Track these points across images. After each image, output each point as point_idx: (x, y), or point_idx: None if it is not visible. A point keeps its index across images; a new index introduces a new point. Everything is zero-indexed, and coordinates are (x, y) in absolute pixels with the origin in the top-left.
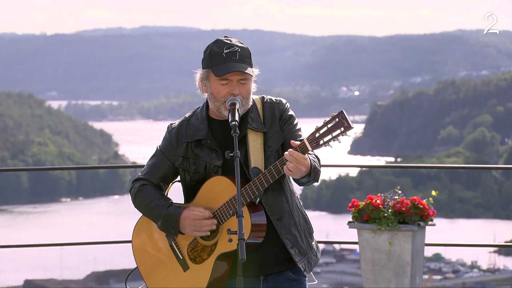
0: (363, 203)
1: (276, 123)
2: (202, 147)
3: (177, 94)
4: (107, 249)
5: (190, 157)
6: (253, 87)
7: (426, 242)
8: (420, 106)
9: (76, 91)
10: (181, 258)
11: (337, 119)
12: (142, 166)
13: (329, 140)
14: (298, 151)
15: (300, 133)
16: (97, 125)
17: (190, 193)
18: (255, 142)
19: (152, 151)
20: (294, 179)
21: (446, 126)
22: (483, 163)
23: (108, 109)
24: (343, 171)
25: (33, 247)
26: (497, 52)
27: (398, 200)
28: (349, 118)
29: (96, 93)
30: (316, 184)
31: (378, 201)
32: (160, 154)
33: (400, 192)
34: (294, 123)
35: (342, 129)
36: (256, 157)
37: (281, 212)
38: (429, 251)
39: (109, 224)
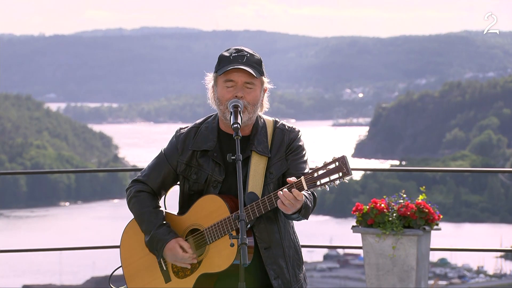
0: (367, 207)
1: (282, 150)
2: (207, 158)
3: (178, 96)
4: (107, 254)
5: (193, 166)
6: (266, 104)
7: (431, 246)
8: (425, 108)
9: (75, 93)
10: (165, 269)
11: (337, 163)
12: (142, 170)
13: (326, 183)
14: (294, 188)
15: (304, 165)
16: (97, 127)
17: (185, 202)
18: (257, 166)
19: (152, 154)
20: (283, 213)
21: (452, 129)
22: (489, 167)
23: (108, 112)
24: None
25: (32, 251)
26: (504, 54)
27: (403, 204)
28: (349, 165)
29: (96, 95)
30: (305, 220)
31: (382, 205)
32: (163, 158)
33: (405, 195)
34: (301, 154)
35: (341, 174)
36: (255, 182)
37: (271, 241)
38: (434, 256)
39: (108, 229)
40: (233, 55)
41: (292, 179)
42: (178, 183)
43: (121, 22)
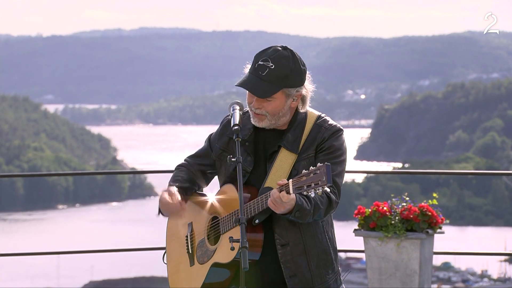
0: (370, 210)
1: (312, 148)
2: (240, 147)
3: (177, 97)
4: (105, 258)
5: (228, 152)
6: (307, 103)
7: (434, 250)
8: (428, 110)
9: (73, 95)
10: (190, 252)
11: (318, 171)
12: (141, 172)
13: (309, 189)
14: (283, 190)
15: (334, 167)
16: (95, 129)
17: (221, 185)
18: (283, 162)
19: (151, 156)
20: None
21: (455, 131)
22: (493, 169)
23: (106, 113)
24: (348, 177)
25: (29, 255)
26: (508, 54)
27: (405, 207)
28: (329, 174)
29: (94, 97)
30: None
31: (385, 208)
32: (207, 142)
33: (407, 198)
34: (334, 154)
35: (319, 182)
36: (277, 178)
37: (289, 239)
38: (437, 260)
39: (107, 232)
40: (258, 63)
41: (282, 181)
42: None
43: (120, 22)
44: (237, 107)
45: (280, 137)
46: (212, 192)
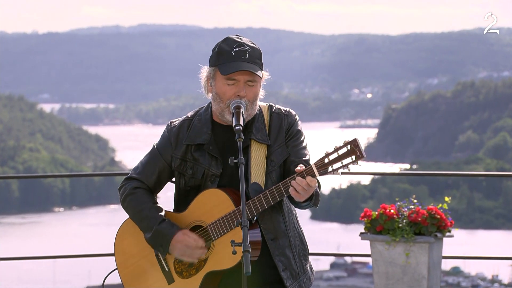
0: (376, 213)
1: (281, 136)
2: (202, 152)
3: (177, 96)
4: (103, 262)
5: (188, 160)
6: (261, 93)
7: (443, 254)
8: (437, 109)
9: (70, 94)
10: (167, 270)
11: (349, 147)
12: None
13: (338, 168)
14: (304, 176)
15: (305, 151)
16: (93, 129)
17: (181, 199)
18: (257, 155)
19: None
20: (292, 201)
21: (465, 131)
22: (504, 171)
23: (104, 113)
24: (354, 179)
25: (24, 259)
26: None
27: (413, 209)
28: (362, 147)
29: (91, 96)
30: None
31: (392, 210)
32: (156, 153)
33: (415, 201)
34: (301, 139)
35: (354, 158)
36: (257, 171)
37: (277, 232)
38: (446, 265)
39: (105, 236)
40: (234, 49)
41: (301, 167)
42: (173, 179)
43: (118, 18)
44: (239, 107)
45: (243, 131)
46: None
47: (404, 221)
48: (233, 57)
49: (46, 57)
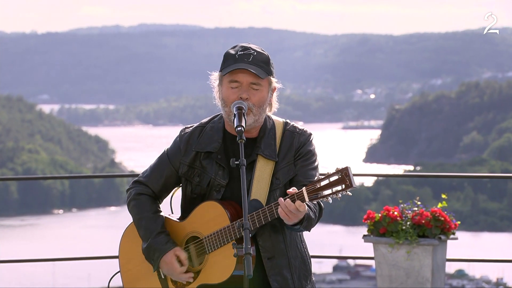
0: (380, 215)
1: (291, 154)
2: (211, 160)
3: (178, 97)
4: (103, 265)
5: (196, 167)
6: (275, 104)
7: (447, 257)
8: (441, 110)
9: (70, 94)
10: (163, 277)
11: (339, 175)
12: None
13: (328, 195)
14: (295, 200)
15: (314, 172)
16: (92, 130)
17: (187, 205)
18: (262, 171)
19: (151, 159)
20: (283, 223)
21: (469, 132)
22: (509, 172)
23: (104, 114)
24: (357, 181)
25: (23, 262)
26: None
27: (417, 211)
28: (352, 176)
29: (91, 96)
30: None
31: (395, 213)
32: (165, 158)
33: (419, 203)
34: (311, 160)
35: (343, 186)
36: (260, 188)
37: (275, 251)
38: (451, 267)
39: (105, 238)
40: (238, 53)
41: (293, 190)
42: (181, 185)
43: (118, 18)
44: (241, 108)
45: (252, 145)
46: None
47: (408, 223)
48: (236, 59)
49: (45, 57)
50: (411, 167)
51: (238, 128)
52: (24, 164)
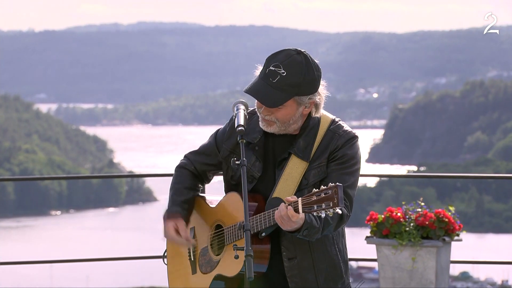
0: (383, 216)
1: (324, 156)
2: (249, 151)
3: (177, 96)
4: (101, 267)
5: (236, 154)
6: (319, 111)
7: (451, 259)
8: (445, 109)
9: (67, 93)
10: (192, 260)
11: (329, 192)
12: (139, 176)
13: (320, 210)
14: (291, 208)
15: (348, 177)
16: (90, 130)
17: (227, 190)
18: (293, 170)
19: (150, 159)
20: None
21: (474, 132)
22: None
23: (103, 113)
24: (360, 181)
25: (20, 264)
26: None
27: (421, 213)
28: (341, 196)
29: (89, 96)
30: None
31: (399, 214)
32: (213, 139)
33: (423, 204)
34: (347, 164)
35: (331, 204)
36: (286, 187)
37: (297, 252)
38: (455, 269)
39: (103, 240)
40: (269, 68)
41: (292, 198)
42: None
43: (117, 16)
44: (242, 107)
45: (291, 143)
46: (215, 195)
47: (411, 224)
48: (262, 76)
49: (42, 56)
50: (414, 168)
51: (239, 128)
52: (21, 164)
